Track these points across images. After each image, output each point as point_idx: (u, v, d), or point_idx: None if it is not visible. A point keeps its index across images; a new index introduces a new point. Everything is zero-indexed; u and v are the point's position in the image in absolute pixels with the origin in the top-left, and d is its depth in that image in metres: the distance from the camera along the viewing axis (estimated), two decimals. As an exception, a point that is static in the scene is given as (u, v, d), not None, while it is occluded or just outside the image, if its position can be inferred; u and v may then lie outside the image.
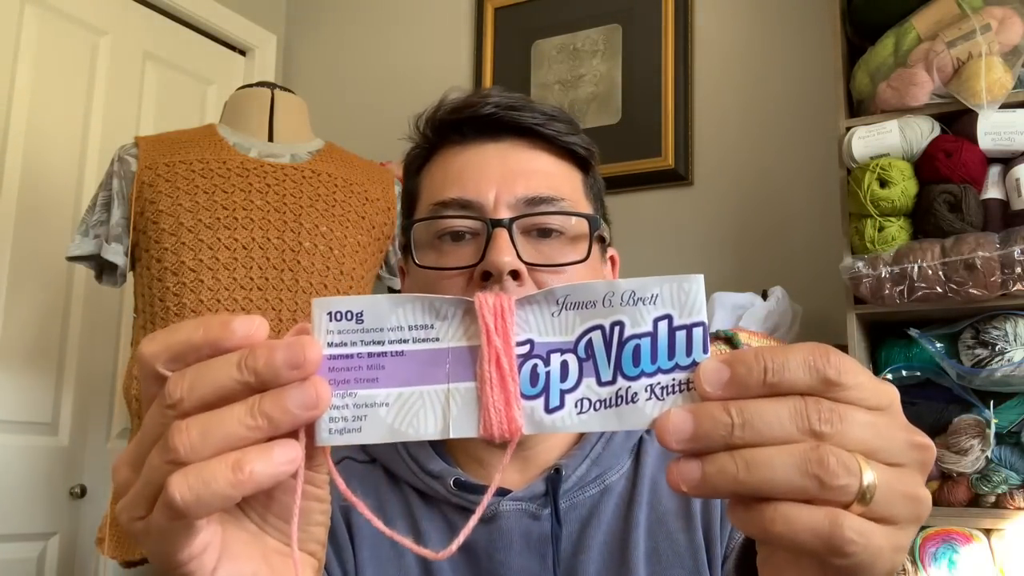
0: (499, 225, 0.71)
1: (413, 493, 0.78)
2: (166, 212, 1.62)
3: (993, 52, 1.65)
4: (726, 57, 2.33)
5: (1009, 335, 1.59)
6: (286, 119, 1.80)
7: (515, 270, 0.70)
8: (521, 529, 0.74)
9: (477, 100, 0.76)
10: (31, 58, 2.29)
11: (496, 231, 0.71)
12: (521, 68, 2.55)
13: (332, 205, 1.71)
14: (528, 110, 0.76)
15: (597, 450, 0.77)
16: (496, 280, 0.70)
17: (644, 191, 2.34)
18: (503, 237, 0.70)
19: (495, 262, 0.70)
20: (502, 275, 0.70)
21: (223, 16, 2.76)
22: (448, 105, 0.77)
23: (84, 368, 2.33)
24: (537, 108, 0.77)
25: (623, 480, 0.78)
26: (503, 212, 0.72)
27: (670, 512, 0.76)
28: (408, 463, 0.78)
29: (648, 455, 0.80)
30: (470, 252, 0.72)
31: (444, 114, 0.77)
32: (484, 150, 0.75)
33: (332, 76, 2.91)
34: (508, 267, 0.70)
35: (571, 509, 0.76)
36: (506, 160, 0.74)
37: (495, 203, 0.72)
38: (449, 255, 0.73)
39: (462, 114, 0.76)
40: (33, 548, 2.20)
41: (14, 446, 2.17)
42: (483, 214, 0.72)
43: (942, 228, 1.65)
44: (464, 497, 0.75)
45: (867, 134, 1.75)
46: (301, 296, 1.64)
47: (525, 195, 0.73)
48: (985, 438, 1.57)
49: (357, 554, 0.75)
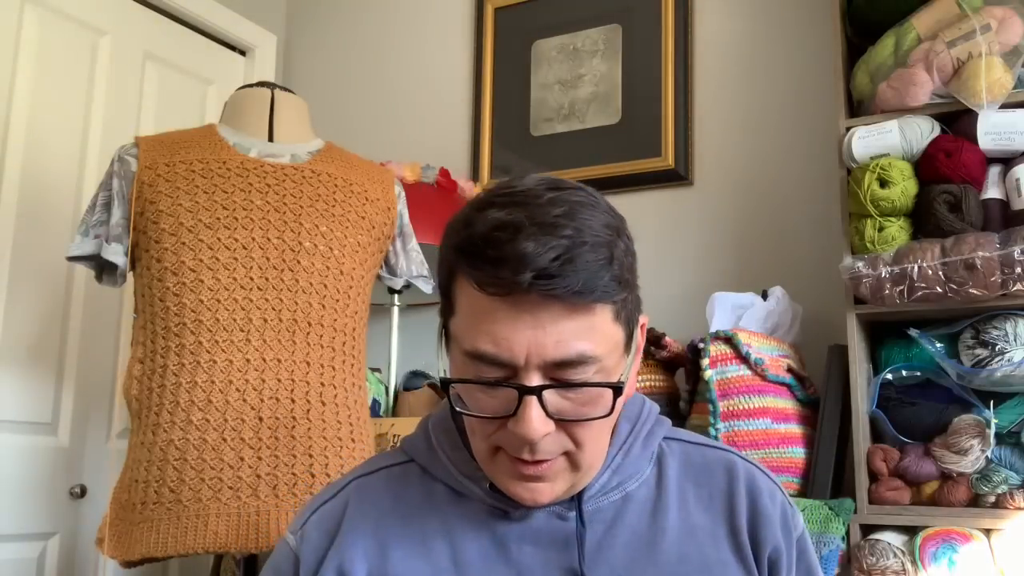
0: (529, 393, 0.73)
1: (448, 491, 0.84)
2: (166, 212, 1.62)
3: (993, 52, 1.65)
4: (726, 57, 2.33)
5: (1009, 335, 1.59)
6: (286, 119, 1.80)
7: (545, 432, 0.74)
8: (549, 527, 0.81)
9: (509, 269, 0.70)
10: (31, 58, 2.29)
11: (528, 399, 0.73)
12: (521, 68, 2.55)
13: (332, 205, 1.71)
14: (563, 276, 0.71)
15: (617, 460, 0.83)
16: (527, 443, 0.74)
17: (644, 191, 2.34)
18: (533, 408, 0.73)
19: (526, 435, 0.73)
20: (535, 443, 0.74)
21: (223, 16, 2.76)
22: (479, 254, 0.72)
23: (84, 368, 2.33)
24: (578, 268, 0.71)
25: (644, 487, 0.84)
26: (534, 375, 0.73)
27: (701, 528, 0.82)
28: (446, 464, 0.84)
29: (670, 465, 0.86)
30: (503, 400, 0.75)
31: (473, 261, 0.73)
32: (519, 311, 0.72)
33: (332, 76, 2.91)
34: (537, 436, 0.73)
35: (595, 512, 0.82)
36: (539, 324, 0.72)
37: (526, 365, 0.73)
38: (482, 397, 0.76)
39: (499, 276, 0.71)
40: (33, 548, 2.20)
41: (14, 446, 2.17)
42: (515, 373, 0.74)
43: (942, 228, 1.65)
44: (499, 498, 0.81)
45: (867, 134, 1.75)
46: (301, 296, 1.64)
47: (555, 359, 0.73)
48: (985, 438, 1.57)
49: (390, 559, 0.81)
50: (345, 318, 1.69)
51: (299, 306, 1.63)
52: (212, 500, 1.52)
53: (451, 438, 0.85)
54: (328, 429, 1.61)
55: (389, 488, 0.86)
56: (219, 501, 1.52)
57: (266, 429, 1.56)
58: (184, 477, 1.52)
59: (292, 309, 1.63)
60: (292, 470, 1.56)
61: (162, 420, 1.56)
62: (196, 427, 1.54)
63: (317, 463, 1.58)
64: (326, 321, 1.65)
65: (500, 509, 0.81)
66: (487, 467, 0.80)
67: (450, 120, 2.66)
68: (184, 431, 1.54)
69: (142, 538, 1.53)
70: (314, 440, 1.59)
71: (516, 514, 0.81)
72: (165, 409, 1.56)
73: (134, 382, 1.62)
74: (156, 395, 1.58)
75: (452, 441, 0.85)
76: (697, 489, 0.85)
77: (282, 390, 1.58)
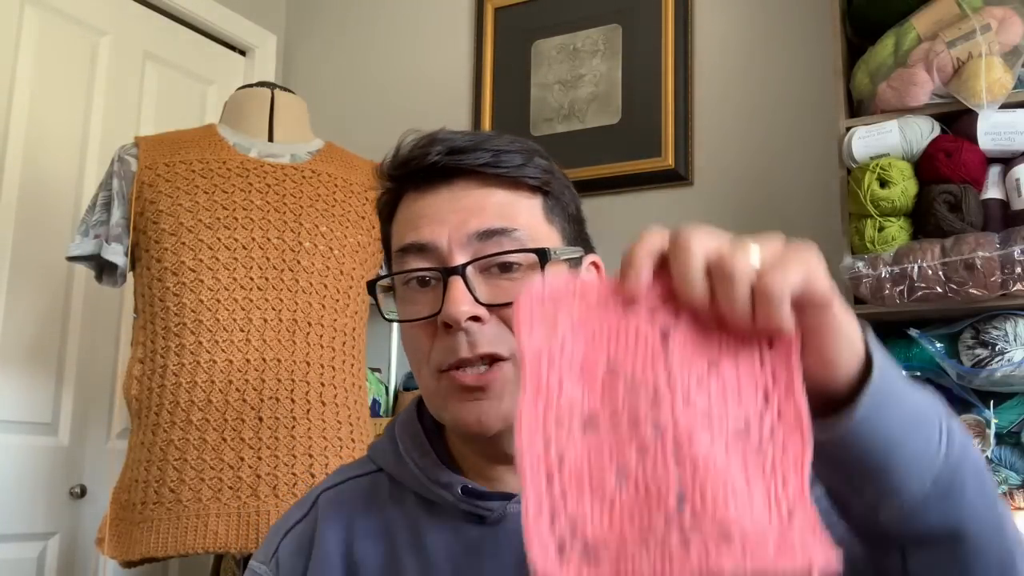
0: (453, 273, 0.72)
1: (418, 501, 0.80)
2: (166, 212, 1.62)
3: (993, 52, 1.65)
4: (726, 57, 2.33)
5: (1009, 335, 1.59)
6: (286, 119, 1.80)
7: (474, 315, 0.72)
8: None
9: (421, 151, 0.76)
10: (31, 58, 2.29)
11: (451, 280, 0.72)
12: (521, 68, 2.55)
13: (332, 205, 1.71)
14: (473, 151, 0.76)
15: None
16: (456, 329, 0.72)
17: (644, 191, 2.34)
18: (458, 287, 0.71)
19: (451, 314, 0.71)
20: (460, 324, 0.71)
21: (223, 16, 2.76)
22: (398, 159, 0.78)
23: (84, 368, 2.33)
24: (486, 146, 0.76)
25: None
26: (457, 254, 0.73)
27: None
28: (415, 473, 0.80)
29: None
30: (434, 298, 0.74)
31: (395, 169, 0.78)
32: (437, 195, 0.76)
33: (332, 76, 2.91)
34: (464, 316, 0.71)
35: None
36: (456, 201, 0.75)
37: (449, 245, 0.73)
38: (417, 303, 0.75)
39: (409, 167, 0.77)
40: (33, 548, 2.20)
41: (14, 446, 2.17)
42: (440, 258, 0.74)
43: (942, 228, 1.65)
44: (472, 503, 0.77)
45: (867, 134, 1.75)
46: (301, 296, 1.64)
47: (476, 230, 0.74)
48: (985, 438, 1.57)
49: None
50: (345, 318, 1.69)
51: (299, 306, 1.63)
52: (212, 500, 1.52)
53: (418, 443, 0.81)
54: (328, 429, 1.61)
55: (357, 501, 0.83)
56: (219, 501, 1.52)
57: (266, 429, 1.56)
58: (184, 477, 1.52)
59: (292, 309, 1.63)
60: (292, 470, 1.56)
61: (162, 420, 1.56)
62: (196, 427, 1.54)
63: (317, 463, 1.58)
64: (326, 321, 1.65)
65: (474, 514, 0.77)
66: (435, 401, 0.76)
67: (450, 120, 2.66)
68: (184, 431, 1.54)
69: (142, 538, 1.53)
70: (314, 440, 1.59)
71: (492, 517, 0.77)
72: (165, 409, 1.56)
73: (134, 382, 1.62)
74: (156, 395, 1.58)
75: (420, 447, 0.81)
76: None
77: (282, 390, 1.58)
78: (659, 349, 0.48)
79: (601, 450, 0.47)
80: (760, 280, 0.47)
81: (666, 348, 0.48)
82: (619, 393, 0.47)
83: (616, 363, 0.48)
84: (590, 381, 0.48)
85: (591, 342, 0.49)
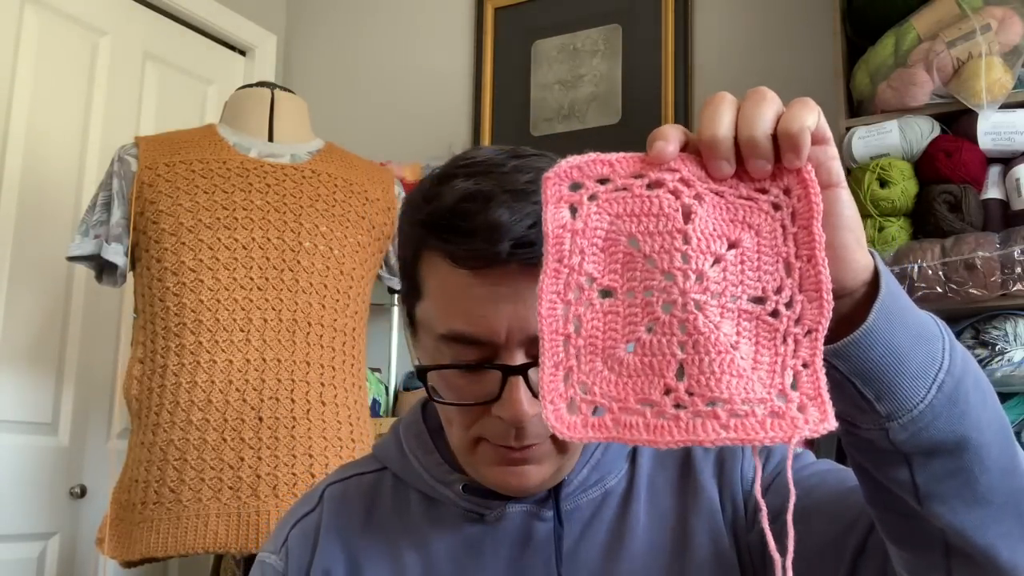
0: (514, 373, 0.67)
1: (421, 498, 0.81)
2: (166, 212, 1.62)
3: (993, 52, 1.65)
4: (726, 57, 2.33)
5: (1009, 335, 1.59)
6: (286, 119, 1.80)
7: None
8: (526, 529, 0.77)
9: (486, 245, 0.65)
10: (31, 58, 2.29)
11: (513, 380, 0.68)
12: (521, 68, 2.55)
13: (332, 205, 1.71)
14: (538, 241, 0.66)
15: (596, 456, 0.80)
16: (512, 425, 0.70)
17: (644, 191, 2.34)
18: (520, 389, 0.67)
19: (513, 418, 0.68)
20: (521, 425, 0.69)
21: (223, 16, 2.76)
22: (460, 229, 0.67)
23: (84, 368, 2.33)
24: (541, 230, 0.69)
25: (621, 484, 0.81)
26: (517, 352, 0.68)
27: (671, 510, 0.79)
28: (419, 470, 0.81)
29: (643, 458, 0.82)
30: (481, 383, 0.70)
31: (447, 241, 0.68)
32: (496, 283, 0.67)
33: (332, 76, 2.91)
34: (527, 419, 0.68)
35: (574, 511, 0.78)
36: (518, 294, 0.67)
37: (507, 343, 0.68)
38: (461, 384, 0.71)
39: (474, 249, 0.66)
40: (33, 548, 2.20)
41: (14, 446, 2.17)
42: (495, 353, 0.69)
43: (942, 228, 1.65)
44: (473, 501, 0.78)
45: (867, 134, 1.75)
46: (301, 296, 1.64)
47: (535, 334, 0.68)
48: (985, 438, 1.57)
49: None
50: (345, 318, 1.69)
51: (299, 306, 1.63)
52: (212, 500, 1.52)
53: (422, 442, 0.82)
54: (328, 429, 1.61)
55: (361, 498, 0.83)
56: (219, 501, 1.52)
57: (266, 429, 1.56)
58: (184, 477, 1.52)
59: (292, 309, 1.63)
60: (292, 470, 1.56)
61: (162, 420, 1.56)
62: (196, 427, 1.54)
63: (317, 463, 1.58)
64: (326, 321, 1.65)
65: (475, 512, 0.78)
66: (467, 460, 0.75)
67: (450, 120, 2.66)
68: (184, 431, 1.54)
69: (142, 538, 1.53)
70: (314, 440, 1.59)
71: (491, 516, 0.77)
72: (165, 409, 1.56)
73: (134, 382, 1.62)
74: (156, 395, 1.58)
75: (424, 445, 0.82)
76: (664, 473, 0.81)
77: (282, 390, 1.58)
78: (680, 228, 0.50)
79: (615, 321, 0.51)
80: (783, 119, 0.49)
81: (687, 227, 0.50)
82: (637, 270, 0.50)
83: (637, 241, 0.51)
84: (611, 257, 0.51)
85: (615, 221, 0.51)
